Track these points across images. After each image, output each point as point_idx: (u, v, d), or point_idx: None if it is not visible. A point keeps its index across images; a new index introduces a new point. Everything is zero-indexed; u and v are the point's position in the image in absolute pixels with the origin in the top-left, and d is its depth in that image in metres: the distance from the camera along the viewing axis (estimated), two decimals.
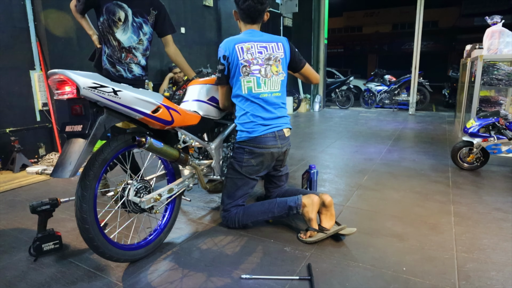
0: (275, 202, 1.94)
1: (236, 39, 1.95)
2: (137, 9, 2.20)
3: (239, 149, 1.98)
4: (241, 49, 1.93)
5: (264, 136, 1.93)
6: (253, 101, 1.94)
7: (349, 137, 4.91)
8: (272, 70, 1.98)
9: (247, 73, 1.93)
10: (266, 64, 1.96)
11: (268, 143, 1.94)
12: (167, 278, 1.55)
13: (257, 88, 1.94)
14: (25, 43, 3.43)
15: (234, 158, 2.01)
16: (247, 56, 1.93)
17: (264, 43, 1.98)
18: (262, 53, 1.96)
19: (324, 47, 8.65)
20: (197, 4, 5.64)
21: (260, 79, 1.95)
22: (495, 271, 1.58)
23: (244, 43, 1.94)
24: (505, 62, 3.70)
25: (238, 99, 1.98)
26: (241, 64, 1.92)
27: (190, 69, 2.39)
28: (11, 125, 3.36)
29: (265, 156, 1.96)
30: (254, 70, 1.93)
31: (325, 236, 1.82)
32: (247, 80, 1.93)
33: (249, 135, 1.93)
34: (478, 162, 3.14)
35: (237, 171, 1.98)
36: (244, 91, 1.94)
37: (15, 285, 1.50)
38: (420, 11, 7.10)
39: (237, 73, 1.93)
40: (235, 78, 1.95)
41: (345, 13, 23.39)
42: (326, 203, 1.88)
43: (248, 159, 1.96)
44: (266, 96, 1.96)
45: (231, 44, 1.93)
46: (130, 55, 2.26)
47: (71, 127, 1.44)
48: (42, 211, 1.73)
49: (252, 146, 1.94)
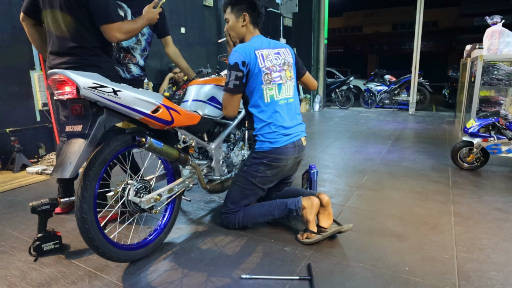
0: (275, 204, 1.93)
1: (253, 45, 1.87)
2: (137, 9, 2.20)
3: (256, 159, 1.91)
4: (261, 55, 1.85)
5: (285, 147, 1.89)
6: (275, 109, 1.88)
7: (349, 137, 4.91)
8: (286, 76, 1.95)
9: (269, 81, 1.86)
10: (282, 70, 1.93)
11: (288, 154, 1.90)
12: (167, 278, 1.55)
13: (278, 95, 1.90)
14: (25, 43, 3.42)
15: (248, 167, 1.93)
16: (267, 63, 1.86)
17: (277, 48, 1.94)
18: (278, 59, 1.91)
19: (324, 47, 8.65)
20: (197, 4, 5.64)
21: (282, 86, 1.91)
22: (495, 271, 1.58)
23: (262, 49, 1.87)
24: (505, 62, 3.70)
25: (258, 109, 1.89)
26: (263, 72, 1.84)
27: (190, 69, 2.39)
28: (11, 125, 3.36)
29: (282, 167, 1.93)
30: (276, 77, 1.88)
31: (322, 238, 1.82)
32: (269, 88, 1.87)
33: (271, 145, 1.87)
34: (478, 162, 3.14)
35: (249, 181, 1.93)
36: (266, 99, 1.87)
37: (15, 285, 1.50)
38: (420, 11, 7.10)
39: (258, 81, 1.85)
40: (254, 86, 1.86)
41: (345, 13, 23.38)
42: (324, 203, 1.89)
43: (264, 170, 1.90)
44: (284, 102, 1.92)
45: (250, 50, 1.83)
46: (129, 55, 2.26)
47: (71, 127, 1.45)
48: (42, 211, 1.73)
49: (272, 158, 1.88)
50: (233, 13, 1.93)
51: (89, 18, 1.79)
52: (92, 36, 1.84)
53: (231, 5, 1.93)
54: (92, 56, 1.86)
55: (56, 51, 1.86)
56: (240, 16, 1.91)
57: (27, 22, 1.97)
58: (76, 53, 1.83)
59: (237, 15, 1.92)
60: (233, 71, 1.81)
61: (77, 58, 1.84)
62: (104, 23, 1.77)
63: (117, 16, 1.80)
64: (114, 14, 1.79)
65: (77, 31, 1.81)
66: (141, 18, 1.93)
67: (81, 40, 1.83)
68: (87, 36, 1.83)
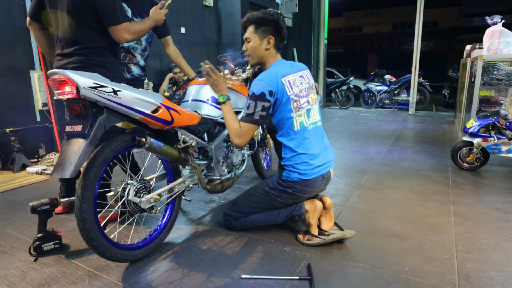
0: (279, 211, 1.92)
1: (278, 72, 1.76)
2: (137, 9, 2.20)
3: (282, 186, 1.84)
4: (288, 82, 1.76)
5: (314, 179, 1.81)
6: (304, 136, 1.80)
7: (349, 137, 4.91)
8: (313, 99, 1.88)
9: (298, 108, 1.78)
10: (308, 94, 1.85)
11: (315, 187, 1.84)
12: (167, 278, 1.55)
13: (307, 121, 1.82)
14: (25, 43, 3.43)
15: (271, 189, 1.87)
16: (295, 90, 1.77)
17: (300, 71, 1.86)
18: (303, 83, 1.84)
19: (324, 47, 8.66)
20: (197, 4, 5.64)
21: (310, 111, 1.84)
22: (495, 271, 1.58)
23: (288, 75, 1.78)
24: (505, 62, 3.70)
25: (288, 137, 1.80)
26: (291, 100, 1.75)
27: (190, 69, 2.39)
28: (11, 125, 3.36)
29: (305, 197, 1.89)
30: (303, 103, 1.81)
31: (323, 241, 1.81)
32: (298, 115, 1.78)
33: (300, 176, 1.79)
34: (478, 162, 3.14)
35: (267, 202, 1.89)
36: (296, 127, 1.78)
37: (15, 285, 1.51)
38: (420, 11, 7.10)
39: (287, 109, 1.76)
40: (283, 115, 1.77)
41: (345, 13, 23.41)
42: (326, 205, 1.88)
43: (286, 197, 1.86)
44: (313, 127, 1.85)
45: (276, 78, 1.73)
46: (129, 55, 2.27)
47: (71, 127, 1.45)
48: (42, 211, 1.73)
49: (298, 189, 1.82)
50: (257, 34, 1.80)
51: (96, 19, 1.79)
52: (99, 37, 1.84)
53: (256, 25, 1.80)
54: (99, 56, 1.87)
55: (63, 52, 1.87)
56: (264, 38, 1.80)
57: (34, 27, 1.97)
58: (83, 54, 1.84)
59: (262, 36, 1.80)
60: (260, 101, 1.70)
61: (84, 58, 1.84)
62: (112, 25, 1.77)
63: (124, 17, 1.81)
64: (121, 15, 1.79)
65: (84, 32, 1.82)
66: (148, 19, 1.94)
67: (88, 41, 1.83)
68: (94, 37, 1.84)
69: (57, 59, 1.91)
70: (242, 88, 2.29)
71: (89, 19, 1.79)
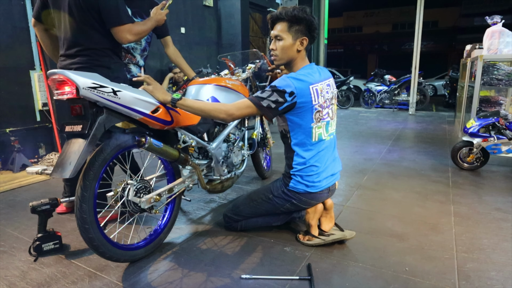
0: (280, 214, 1.92)
1: (309, 78, 1.66)
2: (137, 9, 2.20)
3: (287, 196, 1.80)
4: (315, 91, 1.67)
5: (320, 192, 1.78)
6: (321, 149, 1.75)
7: (349, 137, 4.91)
8: (334, 110, 1.82)
9: (319, 119, 1.71)
10: (331, 105, 1.79)
11: (320, 200, 1.82)
12: (167, 278, 1.55)
13: (325, 133, 1.77)
14: (25, 43, 3.43)
15: (275, 198, 1.84)
16: (321, 100, 1.69)
17: (326, 80, 1.76)
18: (328, 92, 1.76)
19: (324, 47, 8.65)
20: (197, 4, 5.64)
21: (329, 123, 1.78)
22: (495, 271, 1.58)
23: (317, 84, 1.68)
24: (505, 62, 3.69)
25: (304, 147, 1.74)
26: (315, 110, 1.68)
27: (190, 69, 2.39)
28: (11, 125, 3.36)
29: (309, 207, 1.85)
30: (325, 114, 1.74)
31: (323, 242, 1.81)
32: (318, 126, 1.72)
33: (307, 189, 1.75)
34: (478, 162, 3.14)
35: (270, 209, 1.88)
36: (314, 138, 1.73)
37: (15, 285, 1.51)
38: (420, 11, 7.10)
39: (308, 118, 1.68)
40: (302, 124, 1.70)
41: (345, 13, 23.41)
42: (327, 206, 1.88)
43: (290, 207, 1.84)
44: (329, 139, 1.80)
45: (305, 86, 1.64)
46: (129, 55, 2.27)
47: (71, 127, 1.45)
48: (42, 211, 1.73)
49: (303, 201, 1.79)
50: (291, 33, 1.67)
51: (99, 20, 1.80)
52: (102, 38, 1.85)
53: (289, 23, 1.66)
54: (102, 57, 1.87)
55: (66, 53, 1.88)
56: (298, 38, 1.67)
57: (39, 27, 1.99)
58: (87, 54, 1.85)
59: (295, 36, 1.67)
60: (277, 93, 1.61)
61: (87, 58, 1.85)
62: (115, 26, 1.78)
63: (127, 18, 1.82)
64: (124, 16, 1.80)
65: (87, 33, 1.82)
66: (149, 20, 1.95)
67: (92, 41, 1.84)
68: (97, 38, 1.84)
69: (60, 59, 1.92)
70: (242, 88, 2.29)
71: (92, 20, 1.80)
